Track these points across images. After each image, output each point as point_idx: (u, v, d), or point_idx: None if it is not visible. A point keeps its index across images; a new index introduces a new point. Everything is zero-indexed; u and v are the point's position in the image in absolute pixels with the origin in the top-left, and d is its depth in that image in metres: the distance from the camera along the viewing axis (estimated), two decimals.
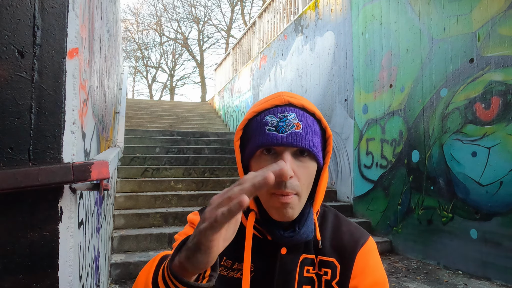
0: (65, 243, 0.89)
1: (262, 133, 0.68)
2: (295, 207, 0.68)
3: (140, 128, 7.71)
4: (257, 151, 0.69)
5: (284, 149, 0.67)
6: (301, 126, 0.68)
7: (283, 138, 0.66)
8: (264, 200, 0.70)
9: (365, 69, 4.76)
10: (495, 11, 3.08)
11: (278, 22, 7.75)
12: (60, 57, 0.91)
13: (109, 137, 2.88)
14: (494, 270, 3.04)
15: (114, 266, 3.22)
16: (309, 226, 0.72)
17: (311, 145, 0.68)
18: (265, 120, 0.69)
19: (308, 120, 0.70)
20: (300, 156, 0.68)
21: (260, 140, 0.67)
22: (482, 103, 3.18)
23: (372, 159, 4.58)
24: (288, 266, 0.73)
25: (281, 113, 0.69)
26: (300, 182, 0.67)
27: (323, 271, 0.76)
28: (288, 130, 0.67)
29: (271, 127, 0.67)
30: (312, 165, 0.69)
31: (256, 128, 0.69)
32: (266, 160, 0.68)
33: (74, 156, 0.93)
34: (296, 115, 0.69)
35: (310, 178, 0.70)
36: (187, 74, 28.80)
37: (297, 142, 0.66)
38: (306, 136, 0.67)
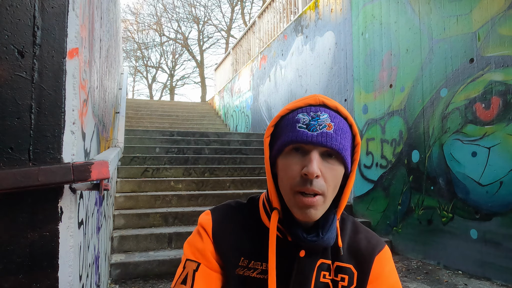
0: (65, 243, 0.89)
1: (293, 129, 0.67)
2: (319, 208, 0.67)
3: (140, 128, 7.70)
4: (286, 148, 0.68)
5: (313, 148, 0.66)
6: (332, 127, 0.67)
7: (313, 136, 0.65)
8: (288, 198, 0.69)
9: (365, 69, 4.76)
10: (495, 11, 3.08)
11: (278, 22, 7.75)
12: (60, 57, 0.91)
13: (109, 137, 2.88)
14: (494, 270, 3.04)
15: (114, 266, 3.22)
16: (332, 233, 0.72)
17: (340, 147, 0.66)
18: (297, 117, 0.68)
19: (341, 123, 0.69)
20: (328, 158, 0.67)
21: (290, 137, 0.67)
22: (482, 103, 3.18)
23: (372, 159, 4.58)
24: (305, 269, 0.73)
25: (314, 112, 0.68)
26: (326, 183, 0.66)
27: (339, 277, 0.75)
28: (319, 129, 0.66)
29: (303, 125, 0.67)
30: (339, 168, 0.68)
31: (288, 125, 0.69)
32: (293, 157, 0.67)
33: (74, 156, 0.93)
34: (329, 116, 0.68)
35: (337, 181, 0.69)
36: (187, 74, 28.82)
37: (326, 142, 0.65)
38: (336, 137, 0.66)
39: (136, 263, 3.30)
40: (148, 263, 3.31)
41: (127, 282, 3.17)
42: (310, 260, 0.74)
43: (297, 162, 0.67)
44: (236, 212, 0.80)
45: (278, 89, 7.42)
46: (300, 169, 0.66)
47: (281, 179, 0.70)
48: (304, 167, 0.65)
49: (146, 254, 3.53)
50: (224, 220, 0.77)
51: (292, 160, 0.67)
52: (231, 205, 0.81)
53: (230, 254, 0.74)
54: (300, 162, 0.66)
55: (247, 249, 0.74)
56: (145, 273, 3.29)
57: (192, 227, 4.04)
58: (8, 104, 0.86)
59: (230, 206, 0.81)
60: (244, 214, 0.79)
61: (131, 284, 3.12)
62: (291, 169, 0.67)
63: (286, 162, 0.68)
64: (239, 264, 0.73)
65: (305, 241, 0.70)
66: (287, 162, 0.68)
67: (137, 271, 3.27)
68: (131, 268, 3.27)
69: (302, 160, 0.66)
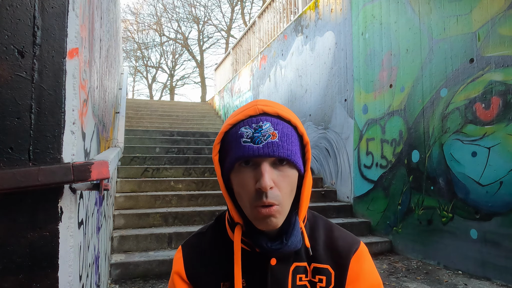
0: (65, 243, 0.89)
1: (238, 145, 0.66)
2: (278, 216, 0.67)
3: (140, 128, 7.71)
4: (236, 164, 0.68)
5: (262, 160, 0.66)
6: (277, 135, 0.66)
7: (259, 149, 0.65)
8: (248, 212, 0.69)
9: (365, 69, 4.76)
10: (495, 11, 3.08)
11: (278, 22, 7.75)
12: (60, 57, 0.91)
13: (109, 137, 2.88)
14: (494, 270, 3.04)
15: (114, 266, 3.22)
16: (296, 236, 0.71)
17: (289, 154, 0.66)
18: (240, 132, 0.67)
19: (284, 128, 0.68)
20: (279, 165, 0.67)
21: (237, 153, 0.66)
22: (482, 103, 3.18)
23: (372, 159, 4.58)
24: (279, 277, 0.73)
25: (255, 123, 0.67)
26: (281, 191, 0.66)
27: (317, 278, 0.75)
28: (264, 141, 0.65)
29: (247, 139, 0.66)
30: (292, 173, 0.68)
31: (232, 141, 0.68)
32: (245, 172, 0.67)
33: (74, 156, 0.93)
34: (271, 124, 0.67)
35: (291, 186, 0.69)
36: (187, 74, 28.81)
37: (274, 152, 0.65)
38: (283, 145, 0.66)
39: (136, 263, 3.30)
40: (148, 263, 3.31)
41: (127, 282, 3.17)
42: (283, 267, 0.74)
43: (249, 176, 0.66)
44: (205, 239, 0.80)
45: (278, 89, 7.42)
46: (253, 183, 0.66)
47: (238, 194, 0.70)
48: (257, 181, 0.65)
49: (146, 254, 3.53)
50: (195, 255, 0.78)
51: (244, 175, 0.67)
52: (200, 233, 0.82)
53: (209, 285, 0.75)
54: (253, 176, 0.66)
55: (224, 271, 0.75)
56: (145, 273, 3.29)
57: (192, 227, 4.04)
58: (8, 104, 0.86)
59: (199, 235, 0.82)
60: (214, 237, 0.80)
61: (131, 284, 3.12)
62: (245, 185, 0.67)
63: (239, 178, 0.68)
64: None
65: (270, 250, 0.70)
66: (240, 178, 0.67)
67: (137, 271, 3.27)
68: (131, 268, 3.27)
69: (254, 173, 0.66)
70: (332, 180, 5.43)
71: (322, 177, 5.68)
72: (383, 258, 3.91)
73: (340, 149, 5.25)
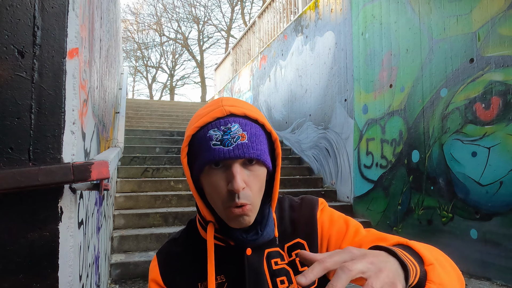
0: (65, 243, 0.89)
1: (208, 148, 0.67)
2: (250, 214, 0.69)
3: (140, 128, 7.70)
4: (206, 167, 0.68)
5: (232, 162, 0.67)
6: (246, 136, 0.67)
7: (230, 151, 0.65)
8: (220, 212, 0.70)
9: (365, 69, 4.76)
10: (495, 11, 3.08)
11: (278, 22, 7.75)
12: (60, 57, 0.91)
13: (109, 137, 2.88)
14: (494, 270, 3.04)
15: (114, 266, 3.22)
16: (270, 226, 0.74)
17: (258, 154, 0.68)
18: (209, 135, 0.67)
19: (252, 129, 0.69)
20: (249, 165, 0.68)
21: (207, 157, 0.67)
22: (482, 103, 3.18)
23: (372, 159, 4.58)
24: (256, 265, 0.75)
25: (224, 126, 0.67)
26: (252, 191, 0.68)
27: (293, 255, 0.77)
28: (234, 143, 0.66)
29: (217, 142, 0.66)
30: (261, 171, 0.70)
31: (201, 144, 0.68)
32: (216, 174, 0.68)
33: (74, 156, 0.93)
34: (239, 126, 0.68)
35: (261, 184, 0.70)
36: (187, 74, 28.81)
37: (244, 153, 0.66)
38: (252, 145, 0.67)
39: (136, 263, 3.30)
40: (148, 263, 3.31)
41: (127, 282, 3.17)
42: (257, 254, 0.76)
43: (221, 178, 0.67)
44: (179, 244, 0.82)
45: (278, 89, 7.42)
46: (225, 184, 0.67)
47: (210, 195, 0.71)
48: (229, 182, 0.66)
49: (146, 254, 3.53)
50: (169, 259, 0.79)
51: (215, 177, 0.68)
52: (172, 237, 0.84)
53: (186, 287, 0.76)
54: (224, 177, 0.67)
55: (200, 272, 0.76)
56: (145, 273, 3.29)
57: None
58: (8, 104, 0.86)
59: (171, 241, 0.83)
60: (187, 240, 0.82)
61: (131, 284, 3.12)
62: (216, 187, 0.68)
63: (210, 181, 0.69)
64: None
65: (246, 241, 0.72)
66: (211, 180, 0.68)
67: (137, 271, 3.27)
68: (131, 268, 3.27)
69: (225, 175, 0.67)
70: (332, 180, 5.43)
71: (322, 177, 5.68)
72: None
73: (340, 149, 5.25)
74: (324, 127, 5.69)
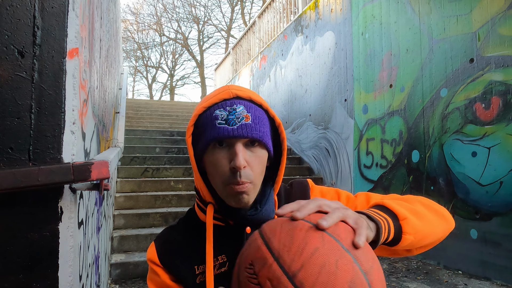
0: (65, 243, 0.89)
1: (213, 127, 0.69)
2: (250, 193, 0.71)
3: (140, 128, 7.70)
4: (210, 145, 0.71)
5: (235, 141, 0.69)
6: (250, 117, 0.70)
7: (234, 130, 0.68)
8: (220, 190, 0.72)
9: (365, 69, 4.76)
10: (495, 11, 3.08)
11: (278, 22, 7.75)
12: (60, 57, 0.91)
13: (109, 137, 2.88)
14: (494, 270, 3.04)
15: (114, 266, 3.22)
16: (270, 205, 0.76)
17: (261, 135, 0.70)
18: (215, 114, 0.70)
19: (257, 111, 0.72)
20: (251, 146, 0.71)
21: (211, 134, 0.69)
22: (482, 103, 3.18)
23: (372, 159, 4.58)
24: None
25: (230, 106, 0.71)
26: (253, 171, 0.70)
27: None
28: (238, 122, 0.69)
29: (222, 121, 0.69)
30: (263, 153, 0.72)
31: (207, 123, 0.71)
32: (219, 153, 0.70)
33: (74, 156, 0.93)
34: (244, 107, 0.71)
35: (262, 166, 0.73)
36: (187, 74, 28.80)
37: (247, 133, 0.69)
38: (256, 126, 0.70)
39: (136, 263, 3.29)
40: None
41: (127, 282, 3.17)
42: None
43: (223, 157, 0.70)
44: (176, 228, 0.83)
45: (278, 89, 7.42)
46: (227, 163, 0.70)
47: (211, 174, 0.73)
48: (231, 160, 0.69)
49: (146, 254, 3.53)
50: (166, 243, 0.80)
51: (218, 155, 0.70)
52: (170, 225, 0.86)
53: (183, 270, 0.77)
54: (227, 156, 0.70)
55: (198, 255, 0.77)
56: (145, 273, 3.29)
57: None
58: (8, 104, 0.86)
59: (169, 227, 0.85)
60: (186, 225, 0.83)
61: (131, 284, 3.12)
62: (219, 165, 0.70)
63: (213, 159, 0.71)
64: (196, 273, 0.76)
65: (246, 217, 0.73)
66: (214, 158, 0.71)
67: (137, 271, 3.27)
68: (131, 268, 3.27)
69: (228, 154, 0.70)
70: (332, 180, 5.43)
71: (322, 177, 5.68)
72: (383, 258, 3.91)
73: (340, 149, 5.25)
74: (324, 127, 5.69)
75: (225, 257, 0.76)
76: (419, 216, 0.68)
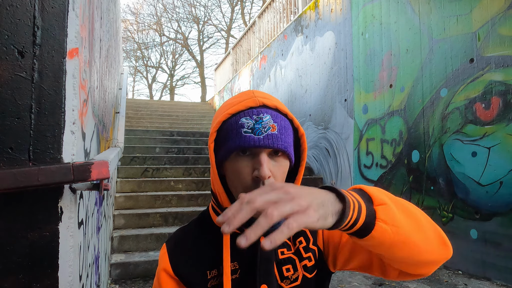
0: (65, 243, 0.89)
1: (239, 135, 0.69)
2: None
3: (140, 128, 7.70)
4: (233, 153, 0.70)
5: (260, 150, 0.68)
6: (276, 127, 0.69)
7: (260, 140, 0.67)
8: None
9: (365, 69, 4.76)
10: (495, 11, 3.08)
11: (278, 22, 7.75)
12: (60, 57, 0.91)
13: (109, 137, 2.88)
14: (494, 270, 3.04)
15: (114, 266, 3.22)
16: None
17: (286, 146, 0.70)
18: (241, 122, 0.69)
19: (282, 121, 0.71)
20: (275, 156, 0.70)
21: (237, 142, 0.68)
22: (482, 103, 3.18)
23: (372, 159, 4.58)
24: (267, 253, 0.76)
25: (256, 115, 0.70)
26: (276, 180, 0.70)
27: (297, 242, 0.79)
28: (265, 132, 0.68)
29: (248, 129, 0.68)
30: (285, 163, 0.72)
31: (232, 130, 0.70)
32: (242, 161, 0.69)
33: (74, 156, 0.93)
34: (271, 117, 0.70)
35: (284, 175, 0.73)
36: (187, 74, 28.80)
37: (273, 144, 0.68)
38: (281, 137, 0.69)
39: (136, 263, 3.29)
40: (148, 263, 3.31)
41: (127, 282, 3.17)
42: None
43: (247, 165, 0.69)
44: (188, 231, 0.82)
45: (278, 89, 7.42)
46: (250, 171, 0.69)
47: (232, 182, 0.72)
48: (255, 169, 0.68)
49: (146, 254, 3.53)
50: (178, 248, 0.79)
51: (241, 163, 0.69)
52: (182, 228, 0.85)
53: (195, 274, 0.76)
54: (250, 164, 0.69)
55: (211, 260, 0.77)
56: (145, 273, 3.29)
57: None
58: (8, 104, 0.86)
59: (181, 229, 0.84)
60: (198, 228, 0.82)
61: (131, 284, 3.12)
62: (242, 172, 0.69)
63: (235, 166, 0.70)
64: (208, 278, 0.76)
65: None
66: (237, 166, 0.70)
67: (137, 271, 3.27)
68: (131, 268, 3.27)
69: (252, 162, 0.69)
70: (332, 180, 5.43)
71: (322, 177, 5.68)
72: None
73: (340, 149, 5.25)
74: (324, 127, 5.69)
75: (237, 264, 0.76)
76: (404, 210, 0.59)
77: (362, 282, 3.14)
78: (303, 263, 0.78)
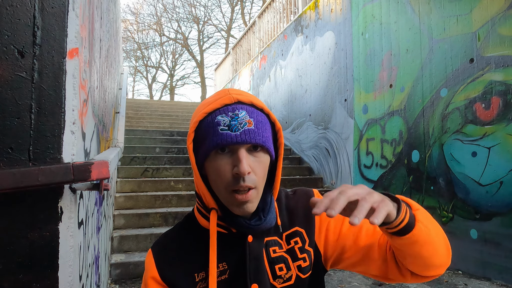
0: (65, 243, 0.89)
1: (216, 133, 0.68)
2: (254, 201, 0.71)
3: (140, 128, 7.70)
4: (212, 152, 0.70)
5: (239, 147, 0.68)
6: (253, 122, 0.69)
7: (237, 136, 0.67)
8: (224, 197, 0.71)
9: (365, 69, 4.76)
10: (495, 11, 3.08)
11: (278, 22, 7.75)
12: (60, 57, 0.91)
13: (109, 137, 2.88)
14: (494, 270, 3.04)
15: (114, 266, 3.22)
16: (272, 213, 0.76)
17: (264, 140, 0.70)
18: (217, 120, 0.69)
19: (259, 116, 0.71)
20: (254, 151, 0.70)
21: (215, 141, 0.68)
22: (482, 103, 3.18)
23: (372, 159, 4.58)
24: (256, 252, 0.76)
25: (232, 112, 0.69)
26: (256, 176, 0.70)
27: (292, 242, 0.79)
28: (241, 128, 0.68)
29: (224, 127, 0.68)
30: (265, 158, 0.72)
31: (209, 129, 0.70)
32: (222, 159, 0.69)
33: (74, 156, 0.93)
34: (246, 113, 0.70)
35: (265, 171, 0.72)
36: (187, 74, 28.79)
37: (251, 139, 0.68)
38: (258, 132, 0.69)
39: (136, 263, 3.29)
40: None
41: (127, 282, 3.17)
42: (258, 242, 0.77)
43: (226, 163, 0.69)
44: (174, 235, 0.81)
45: (278, 89, 7.42)
46: (230, 169, 0.69)
47: (214, 180, 0.72)
48: (234, 166, 0.68)
49: (146, 254, 3.53)
50: (166, 253, 0.78)
51: (221, 161, 0.69)
52: (167, 233, 0.84)
53: (183, 278, 0.75)
54: (230, 162, 0.69)
55: (198, 262, 0.76)
56: None
57: None
58: (8, 104, 0.86)
59: (166, 234, 0.83)
60: (185, 231, 0.81)
61: (131, 284, 3.12)
62: (222, 171, 0.69)
63: (215, 165, 0.70)
64: (196, 281, 0.75)
65: (250, 226, 0.73)
66: (217, 165, 0.69)
67: (137, 271, 3.27)
68: (131, 268, 3.27)
69: (231, 159, 0.69)
70: (332, 180, 5.43)
71: (322, 177, 5.68)
72: None
73: (340, 149, 5.25)
74: (324, 127, 5.69)
75: (225, 264, 0.75)
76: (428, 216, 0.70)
77: (362, 282, 3.14)
78: (298, 263, 0.77)
